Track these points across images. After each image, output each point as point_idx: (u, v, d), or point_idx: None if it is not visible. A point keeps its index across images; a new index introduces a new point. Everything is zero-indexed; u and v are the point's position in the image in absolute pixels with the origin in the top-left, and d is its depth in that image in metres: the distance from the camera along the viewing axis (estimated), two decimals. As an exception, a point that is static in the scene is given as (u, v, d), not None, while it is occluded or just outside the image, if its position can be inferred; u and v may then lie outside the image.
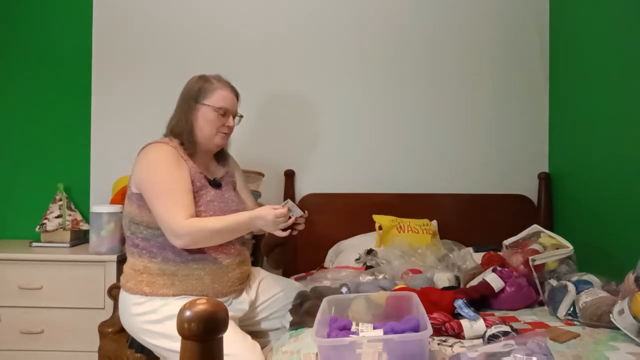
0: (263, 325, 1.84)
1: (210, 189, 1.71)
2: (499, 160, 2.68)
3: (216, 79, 1.78)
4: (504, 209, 2.58)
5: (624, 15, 2.06)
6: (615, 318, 1.39)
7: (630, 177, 2.01)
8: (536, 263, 1.76)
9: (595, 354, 1.26)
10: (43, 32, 2.61)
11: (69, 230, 2.39)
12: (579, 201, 2.40)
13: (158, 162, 1.63)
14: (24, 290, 2.15)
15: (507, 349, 1.10)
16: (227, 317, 0.88)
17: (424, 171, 2.67)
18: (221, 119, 1.74)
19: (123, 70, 2.61)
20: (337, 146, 2.66)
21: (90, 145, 2.61)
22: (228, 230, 1.63)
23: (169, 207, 1.57)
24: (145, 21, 2.63)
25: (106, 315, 2.01)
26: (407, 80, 2.67)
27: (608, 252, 2.14)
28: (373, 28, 2.67)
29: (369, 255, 2.10)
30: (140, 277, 1.63)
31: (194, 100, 1.73)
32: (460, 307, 1.47)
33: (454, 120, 2.68)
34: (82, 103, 2.61)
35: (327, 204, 2.58)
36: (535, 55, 2.68)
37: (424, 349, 1.14)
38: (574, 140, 2.45)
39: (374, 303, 1.42)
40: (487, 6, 2.68)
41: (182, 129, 1.72)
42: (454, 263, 1.99)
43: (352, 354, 1.12)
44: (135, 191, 1.66)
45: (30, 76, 2.61)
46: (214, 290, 1.65)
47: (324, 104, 2.66)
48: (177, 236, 1.57)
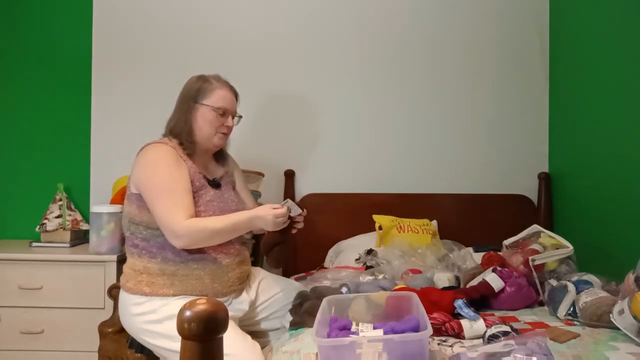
0: (263, 325, 1.84)
1: (210, 188, 1.71)
2: (499, 160, 2.68)
3: (215, 78, 1.77)
4: (504, 209, 2.58)
5: (624, 15, 2.06)
6: (615, 318, 1.39)
7: (630, 177, 2.01)
8: (536, 263, 1.76)
9: (595, 354, 1.26)
10: (43, 32, 2.61)
11: (69, 230, 2.39)
12: (579, 201, 2.40)
13: (157, 163, 1.63)
14: (24, 290, 2.15)
15: (507, 349, 1.10)
16: (227, 317, 0.88)
17: (424, 171, 2.67)
18: (220, 118, 1.73)
19: (123, 70, 2.61)
20: (337, 146, 2.66)
21: (90, 145, 2.61)
22: (228, 230, 1.63)
23: (168, 207, 1.57)
24: (145, 21, 2.63)
25: (106, 315, 2.01)
26: (407, 80, 2.67)
27: (608, 252, 2.14)
28: (373, 28, 2.67)
29: (369, 255, 2.10)
30: (140, 277, 1.63)
31: (192, 100, 1.72)
32: (460, 307, 1.47)
33: (454, 120, 2.68)
34: (82, 103, 2.61)
35: (327, 204, 2.58)
36: (535, 55, 2.68)
37: (424, 349, 1.14)
38: (574, 140, 2.45)
39: (374, 303, 1.42)
40: (487, 6, 2.68)
41: (181, 129, 1.72)
42: (454, 263, 2.00)
43: (352, 354, 1.12)
44: (135, 191, 1.65)
45: (30, 76, 2.61)
46: (214, 290, 1.65)
47: (324, 104, 2.66)
48: (176, 237, 1.57)
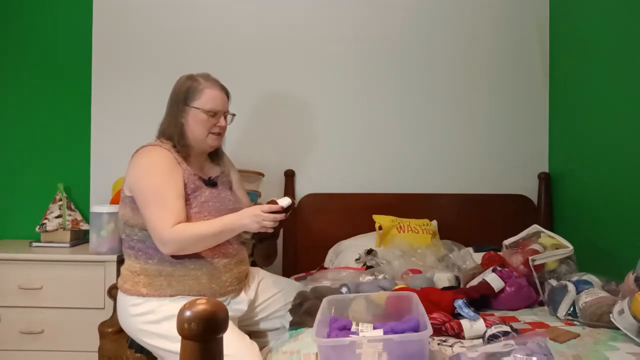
0: (262, 325, 1.84)
1: (206, 189, 1.70)
2: (498, 160, 2.67)
3: (204, 77, 1.73)
4: (503, 209, 2.58)
5: (624, 15, 2.06)
6: (615, 318, 1.39)
7: (631, 177, 2.01)
8: (536, 263, 1.76)
9: (595, 354, 1.26)
10: (43, 32, 2.61)
11: (69, 230, 2.39)
12: (579, 201, 2.40)
13: (150, 167, 1.62)
14: (24, 290, 2.15)
15: (507, 349, 1.10)
16: (227, 317, 0.88)
17: (424, 171, 2.67)
18: (212, 119, 1.70)
19: (123, 70, 2.61)
20: (337, 146, 2.66)
21: (90, 145, 2.61)
22: (214, 234, 1.60)
23: (157, 213, 1.56)
24: (145, 21, 2.62)
25: (106, 315, 2.01)
26: (407, 80, 2.67)
27: (608, 252, 2.14)
28: (373, 28, 2.66)
29: (369, 255, 2.10)
30: (137, 279, 1.63)
31: (182, 102, 1.69)
32: (460, 307, 1.47)
33: (454, 120, 2.67)
34: (82, 103, 2.60)
35: (327, 204, 2.58)
36: (535, 55, 2.68)
37: (424, 349, 1.14)
38: (574, 140, 2.45)
39: (374, 303, 1.42)
40: (487, 5, 2.67)
41: (172, 132, 1.70)
42: (454, 263, 2.00)
43: (352, 354, 1.12)
44: (129, 194, 1.65)
45: (30, 77, 2.61)
46: (212, 290, 1.64)
47: (324, 104, 2.66)
48: (162, 243, 1.56)
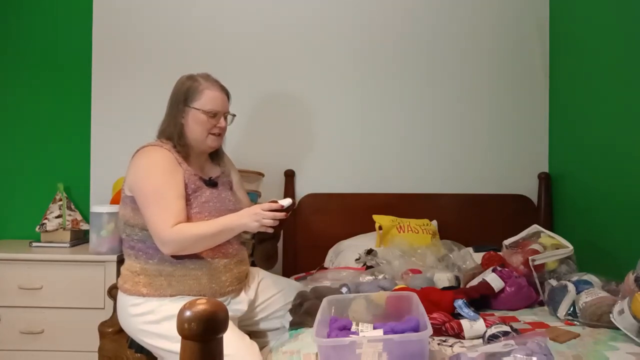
0: (262, 325, 1.84)
1: (206, 189, 1.70)
2: (499, 161, 2.67)
3: (204, 78, 1.73)
4: (503, 209, 2.58)
5: (624, 14, 2.06)
6: (615, 318, 1.39)
7: (631, 177, 2.01)
8: (536, 263, 1.76)
9: (595, 354, 1.26)
10: (43, 32, 2.61)
11: (69, 230, 2.39)
12: (579, 201, 2.40)
13: (151, 167, 1.62)
14: (24, 290, 2.15)
15: (507, 349, 1.10)
16: (227, 317, 0.88)
17: (424, 171, 2.67)
18: (211, 120, 1.70)
19: (123, 70, 2.61)
20: (336, 146, 2.66)
21: (90, 145, 2.61)
22: (214, 234, 1.60)
23: (157, 213, 1.55)
24: (145, 21, 2.62)
25: (106, 315, 2.01)
26: (407, 80, 2.67)
27: (608, 252, 2.14)
28: (373, 28, 2.66)
29: (369, 255, 2.10)
30: (137, 279, 1.63)
31: (182, 102, 1.69)
32: (460, 307, 1.47)
33: (454, 120, 2.67)
34: (82, 103, 2.60)
35: (327, 204, 2.58)
36: (535, 55, 2.68)
37: (424, 349, 1.14)
38: (574, 140, 2.45)
39: (374, 303, 1.42)
40: (487, 6, 2.67)
41: (172, 132, 1.70)
42: (454, 263, 2.00)
43: (352, 354, 1.12)
44: (129, 194, 1.65)
45: (30, 76, 2.61)
46: (211, 290, 1.64)
47: (324, 104, 2.66)
48: (162, 243, 1.56)
